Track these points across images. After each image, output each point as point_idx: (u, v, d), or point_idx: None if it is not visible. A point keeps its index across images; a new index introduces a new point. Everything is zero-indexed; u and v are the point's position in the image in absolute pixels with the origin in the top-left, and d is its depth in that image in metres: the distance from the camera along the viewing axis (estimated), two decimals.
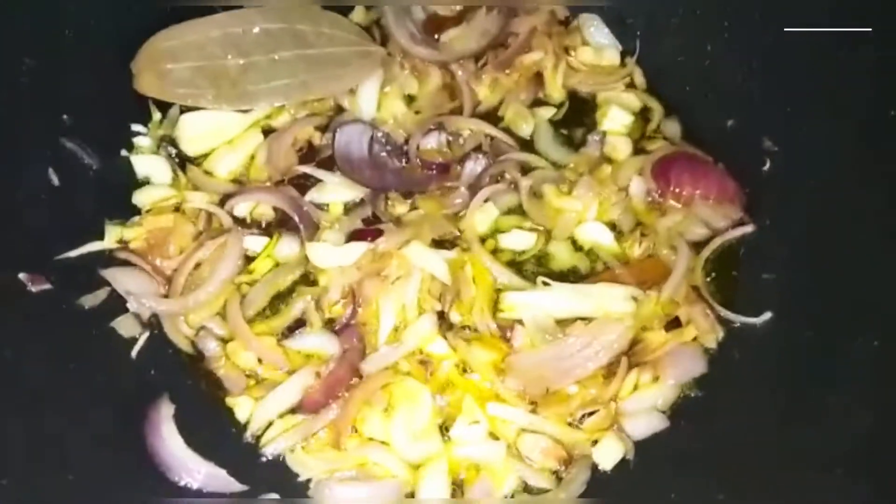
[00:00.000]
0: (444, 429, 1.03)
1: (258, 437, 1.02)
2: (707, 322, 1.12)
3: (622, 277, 1.12)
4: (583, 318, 1.08)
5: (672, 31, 1.34)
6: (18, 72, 1.09)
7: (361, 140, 1.22)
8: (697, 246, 1.18)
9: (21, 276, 0.99)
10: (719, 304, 1.13)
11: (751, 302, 1.13)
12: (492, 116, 1.31)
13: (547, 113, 1.31)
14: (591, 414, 1.04)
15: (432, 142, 1.25)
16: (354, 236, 1.13)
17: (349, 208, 1.20)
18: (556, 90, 1.33)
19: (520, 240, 1.17)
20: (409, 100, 1.32)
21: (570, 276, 1.15)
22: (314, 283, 1.13)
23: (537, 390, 1.03)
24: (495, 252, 1.16)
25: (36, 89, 1.10)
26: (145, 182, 1.19)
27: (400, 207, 1.20)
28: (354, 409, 1.02)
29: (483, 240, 1.16)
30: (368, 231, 1.14)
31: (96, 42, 1.17)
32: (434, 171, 1.23)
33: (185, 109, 1.22)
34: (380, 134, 1.23)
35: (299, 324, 1.10)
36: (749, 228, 1.18)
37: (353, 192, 1.20)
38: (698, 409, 1.08)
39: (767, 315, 1.11)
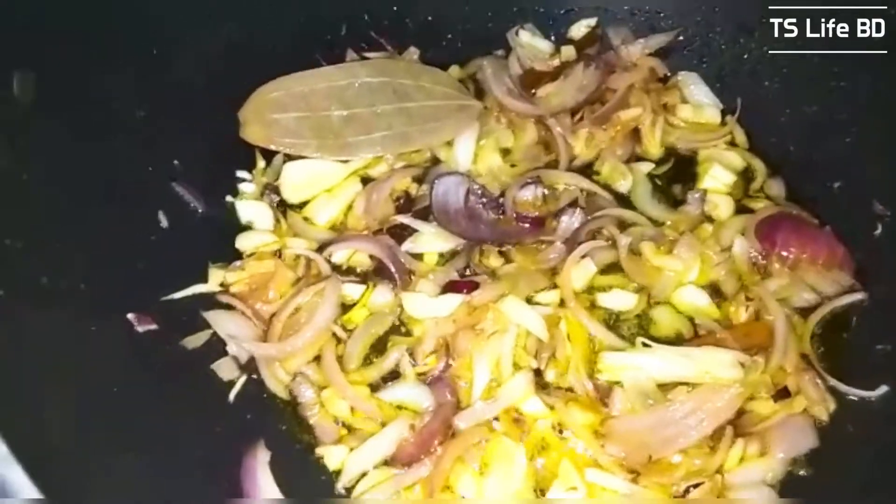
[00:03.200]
0: (539, 492, 1.00)
1: (350, 489, 1.01)
2: (818, 393, 1.06)
3: (726, 342, 1.08)
4: (685, 384, 1.04)
5: (774, 91, 1.32)
6: (133, 120, 1.14)
7: (458, 191, 1.22)
8: (805, 312, 1.13)
9: (129, 315, 1.01)
10: (831, 374, 1.07)
11: (865, 374, 1.07)
12: (588, 171, 1.30)
13: (645, 168, 1.29)
14: (696, 486, 0.98)
15: (528, 195, 1.24)
16: (449, 288, 1.13)
17: (444, 259, 1.20)
18: (653, 146, 1.32)
19: (620, 300, 1.14)
20: (505, 153, 1.32)
21: (672, 341, 1.11)
22: (407, 333, 1.13)
23: (639, 458, 0.99)
24: (592, 310, 1.13)
25: (149, 136, 1.14)
26: (248, 227, 1.22)
27: (494, 260, 1.19)
28: (448, 464, 0.99)
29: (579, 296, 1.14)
30: (464, 283, 1.13)
31: (207, 91, 1.22)
32: (529, 225, 1.22)
33: (288, 158, 1.26)
34: (476, 186, 1.24)
35: (393, 375, 1.09)
36: (860, 296, 1.13)
37: (449, 243, 1.20)
38: (809, 485, 1.01)
39: (883, 389, 1.04)
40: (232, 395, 1.06)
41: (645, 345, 1.07)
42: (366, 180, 1.28)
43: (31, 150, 0.95)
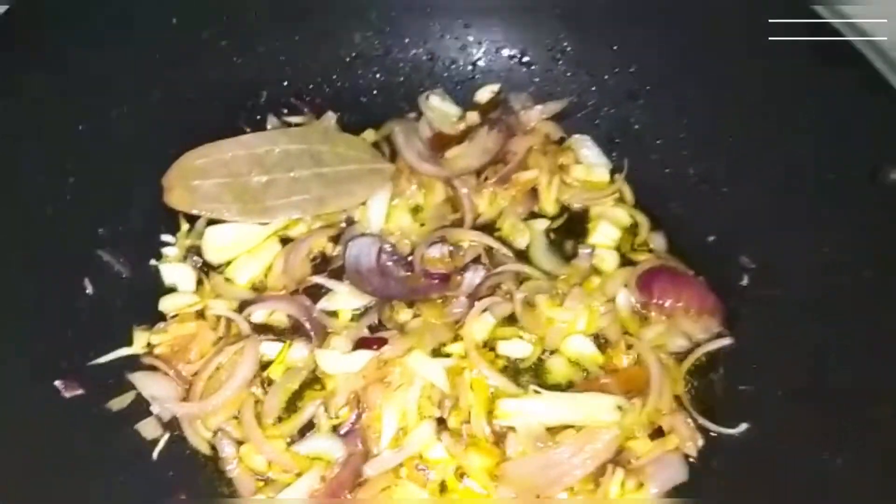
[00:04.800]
0: None
1: None
2: (688, 431, 1.19)
3: (608, 387, 1.20)
4: (572, 427, 1.16)
5: (657, 152, 1.46)
6: (61, 189, 1.21)
7: (370, 251, 1.33)
8: (679, 356, 1.26)
9: (56, 383, 1.08)
10: (701, 413, 1.21)
11: (729, 412, 1.21)
12: (490, 228, 1.42)
13: (541, 225, 1.42)
14: None
15: (435, 253, 1.36)
16: (360, 344, 1.22)
17: (356, 316, 1.30)
18: (550, 204, 1.45)
19: (517, 348, 1.26)
20: (415, 212, 1.43)
21: (566, 387, 1.23)
22: (322, 387, 1.22)
23: (528, 498, 1.11)
24: (494, 359, 1.25)
25: (75, 205, 1.21)
26: (172, 289, 1.29)
27: (403, 315, 1.29)
28: None
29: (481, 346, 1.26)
30: (374, 339, 1.23)
31: (131, 158, 1.29)
32: (436, 281, 1.33)
33: (210, 222, 1.34)
34: (387, 246, 1.34)
35: (307, 427, 1.18)
36: (727, 341, 1.27)
37: (361, 301, 1.30)
38: None
39: (744, 426, 1.18)
40: (155, 454, 1.13)
41: (536, 391, 1.19)
42: (285, 240, 1.37)
43: None
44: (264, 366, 1.23)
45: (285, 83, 1.49)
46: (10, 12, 1.12)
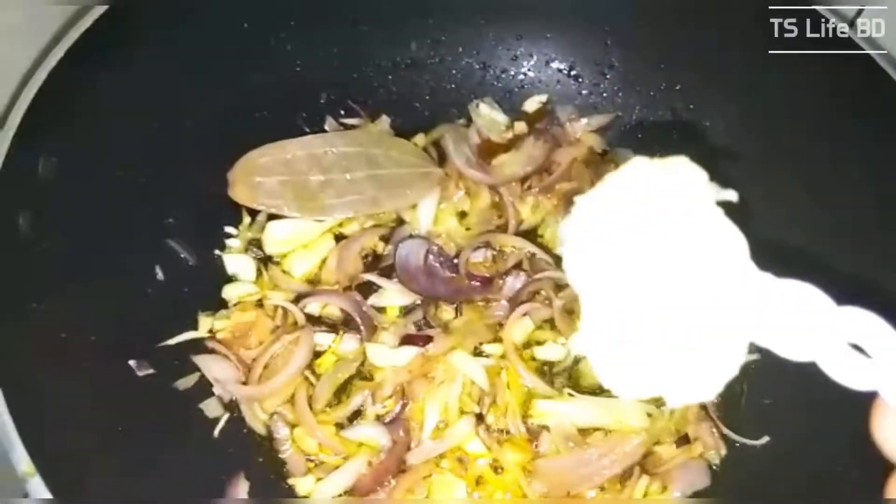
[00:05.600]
0: None
1: None
2: (713, 440, 1.26)
3: None
4: (602, 429, 1.24)
5: (699, 164, 1.52)
6: (137, 184, 1.30)
7: (419, 252, 1.41)
8: None
9: (130, 362, 1.18)
10: (725, 424, 1.28)
11: (752, 424, 1.28)
12: (532, 235, 1.49)
13: None
14: None
15: (479, 257, 1.43)
16: (407, 340, 1.30)
17: (404, 312, 1.38)
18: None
19: (552, 352, 1.34)
20: (461, 216, 1.51)
21: (597, 391, 1.30)
22: (369, 378, 1.31)
23: (559, 493, 1.19)
24: (529, 361, 1.32)
25: (148, 198, 1.30)
26: (234, 278, 1.39)
27: (447, 314, 1.37)
28: (399, 495, 1.18)
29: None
30: (419, 336, 1.31)
31: (200, 155, 1.38)
32: (479, 284, 1.40)
33: (270, 217, 1.42)
34: (434, 247, 1.42)
35: (355, 414, 1.27)
36: (754, 356, 1.32)
37: (408, 298, 1.38)
38: None
39: (765, 438, 1.25)
40: (216, 432, 1.23)
41: (570, 394, 1.27)
42: (338, 237, 1.45)
43: (53, 222, 1.12)
44: (317, 355, 1.31)
45: (344, 87, 1.56)
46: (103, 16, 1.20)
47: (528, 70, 1.61)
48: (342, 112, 1.57)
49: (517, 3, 1.54)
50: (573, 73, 1.60)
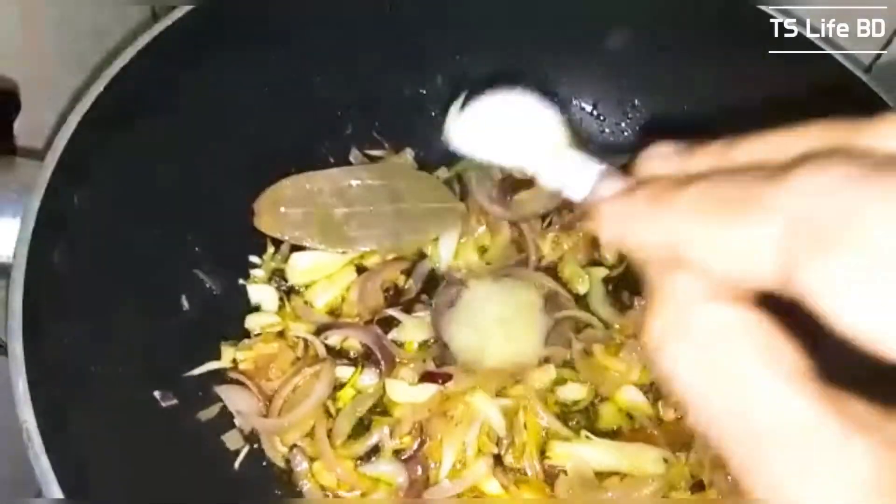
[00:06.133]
0: None
1: None
2: (727, 486, 1.27)
3: (655, 438, 1.29)
4: (618, 474, 1.25)
5: None
6: (165, 214, 1.31)
7: (452, 295, 1.42)
8: None
9: (155, 393, 1.19)
10: None
11: None
12: (552, 272, 1.50)
13: (601, 273, 1.50)
14: None
15: None
16: (426, 377, 1.32)
17: (424, 346, 1.39)
18: (610, 253, 1.52)
19: (573, 392, 1.35)
20: (482, 251, 1.52)
21: (614, 435, 1.31)
22: (387, 413, 1.32)
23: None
24: (549, 403, 1.33)
25: (174, 226, 1.32)
26: (257, 308, 1.40)
27: None
28: None
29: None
30: (440, 374, 1.32)
31: (227, 185, 1.40)
32: None
33: (294, 247, 1.44)
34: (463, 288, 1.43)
35: (372, 451, 1.29)
36: None
37: (427, 334, 1.39)
38: None
39: None
40: (237, 464, 1.24)
41: (587, 437, 1.28)
42: (360, 269, 1.47)
43: (83, 254, 1.13)
44: (336, 388, 1.33)
45: (369, 118, 1.58)
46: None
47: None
48: (367, 143, 1.59)
49: (542, 45, 1.55)
50: (595, 112, 1.61)
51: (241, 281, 1.43)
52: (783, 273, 0.38)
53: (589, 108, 1.62)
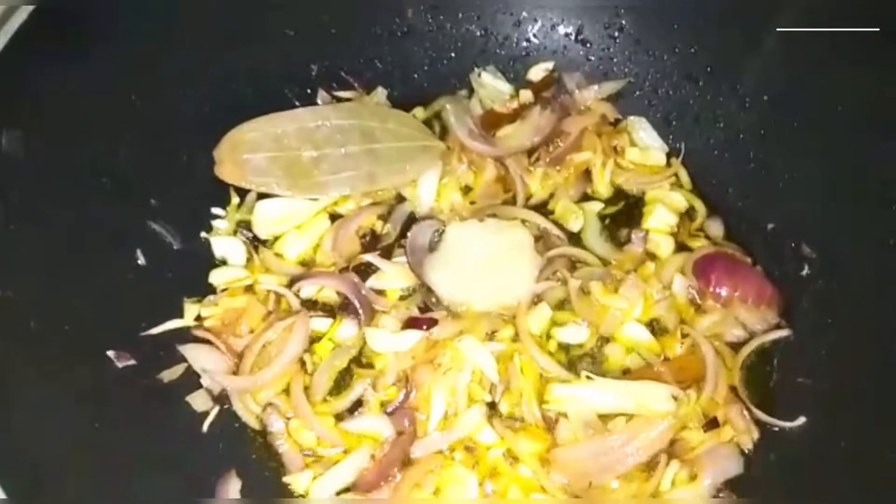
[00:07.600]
0: None
1: None
2: (744, 423, 1.16)
3: (663, 375, 1.17)
4: (624, 415, 1.14)
5: (716, 136, 1.42)
6: (115, 163, 1.20)
7: (426, 233, 1.31)
8: (735, 347, 1.23)
9: (109, 353, 1.08)
10: (756, 405, 1.18)
11: (787, 405, 1.17)
12: (542, 210, 1.39)
13: (595, 208, 1.39)
14: None
15: None
16: (410, 324, 1.21)
17: (405, 296, 1.28)
18: (603, 187, 1.41)
19: (574, 334, 1.24)
20: (465, 191, 1.41)
21: (622, 375, 1.20)
22: (369, 365, 1.21)
23: (580, 484, 1.09)
24: (546, 342, 1.22)
25: (129, 178, 1.21)
26: (222, 262, 1.29)
27: None
28: (405, 491, 1.08)
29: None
30: (423, 319, 1.21)
31: (183, 131, 1.29)
32: None
33: (260, 196, 1.33)
34: (442, 228, 1.32)
35: (355, 405, 1.18)
36: (785, 332, 1.23)
37: (409, 281, 1.28)
38: None
39: (801, 420, 1.15)
40: (205, 426, 1.13)
41: (588, 377, 1.17)
42: (333, 217, 1.36)
43: (21, 204, 1.02)
44: (312, 341, 1.22)
45: (336, 58, 1.46)
46: None
47: (533, 36, 1.51)
48: (335, 85, 1.47)
49: None
50: (581, 37, 1.49)
51: (203, 234, 1.31)
52: None
53: (573, 34, 1.50)
